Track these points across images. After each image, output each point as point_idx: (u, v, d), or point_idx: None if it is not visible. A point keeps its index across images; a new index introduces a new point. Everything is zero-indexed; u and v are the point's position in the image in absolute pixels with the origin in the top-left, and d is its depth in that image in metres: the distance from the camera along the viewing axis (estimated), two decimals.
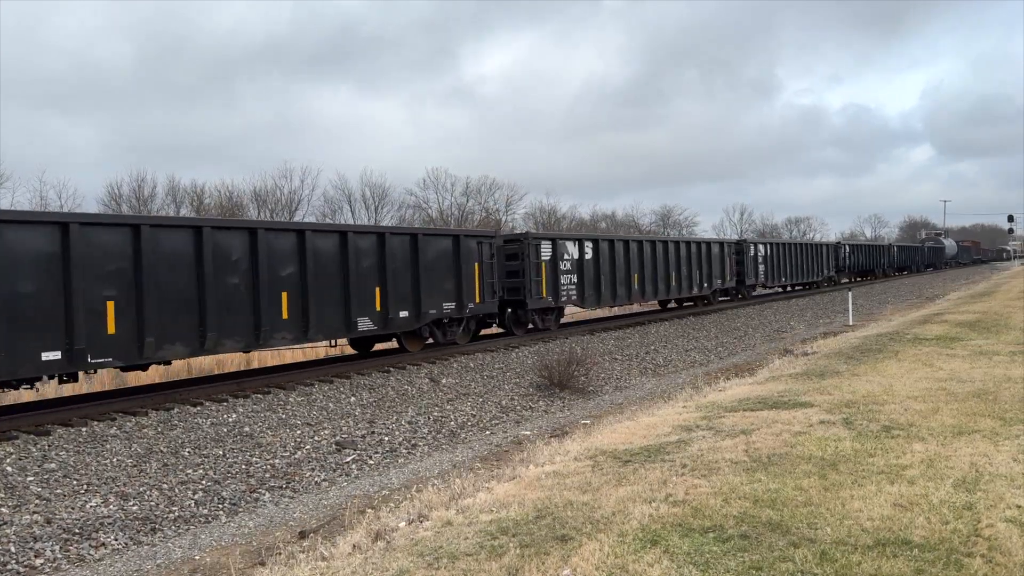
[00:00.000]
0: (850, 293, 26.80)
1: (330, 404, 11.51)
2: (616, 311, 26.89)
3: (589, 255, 20.42)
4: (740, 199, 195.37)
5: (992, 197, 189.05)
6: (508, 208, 69.77)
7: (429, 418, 11.37)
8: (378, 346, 16.60)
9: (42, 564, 6.36)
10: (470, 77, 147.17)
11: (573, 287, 19.75)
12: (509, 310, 18.56)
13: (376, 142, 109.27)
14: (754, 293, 33.08)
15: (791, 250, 35.86)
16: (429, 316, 15.30)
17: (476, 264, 16.55)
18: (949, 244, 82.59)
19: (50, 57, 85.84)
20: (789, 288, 38.37)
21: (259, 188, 61.70)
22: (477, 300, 16.59)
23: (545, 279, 18.65)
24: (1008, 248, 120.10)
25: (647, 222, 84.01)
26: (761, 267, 31.56)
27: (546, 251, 18.89)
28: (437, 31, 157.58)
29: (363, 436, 10.30)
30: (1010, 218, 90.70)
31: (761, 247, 32.19)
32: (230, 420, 10.31)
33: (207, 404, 10.85)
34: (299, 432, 10.17)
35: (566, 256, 19.49)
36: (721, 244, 29.01)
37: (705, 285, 26.83)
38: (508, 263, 18.04)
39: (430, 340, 15.95)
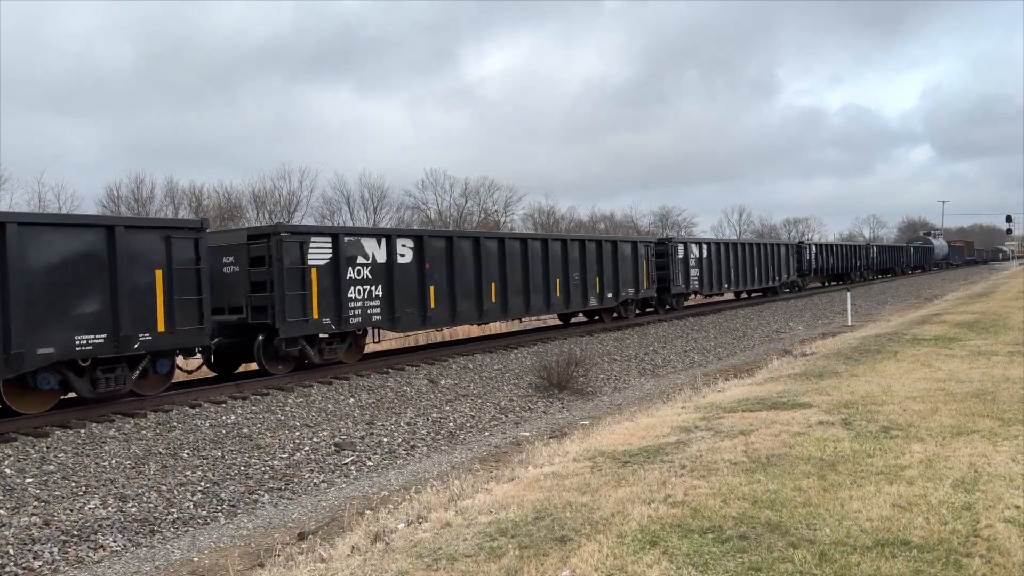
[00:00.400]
0: (848, 294, 26.81)
1: (329, 405, 11.51)
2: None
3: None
4: (740, 200, 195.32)
5: (992, 197, 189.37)
6: (507, 209, 69.82)
7: (428, 419, 11.37)
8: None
9: (41, 566, 6.35)
10: (470, 78, 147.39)
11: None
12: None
13: (376, 143, 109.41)
14: (689, 303, 28.19)
15: (739, 251, 30.28)
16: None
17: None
18: (939, 244, 75.59)
19: (50, 58, 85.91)
20: (743, 296, 33.13)
21: (257, 189, 61.72)
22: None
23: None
24: (1004, 248, 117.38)
25: (646, 223, 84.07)
26: (694, 272, 26.29)
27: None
28: (438, 32, 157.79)
29: (362, 437, 10.30)
30: (1008, 219, 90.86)
31: (695, 247, 27.01)
32: (229, 421, 10.30)
33: (206, 406, 10.84)
34: (298, 433, 10.16)
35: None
36: (634, 244, 23.07)
37: (609, 295, 21.19)
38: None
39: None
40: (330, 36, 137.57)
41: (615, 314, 22.29)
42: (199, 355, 11.74)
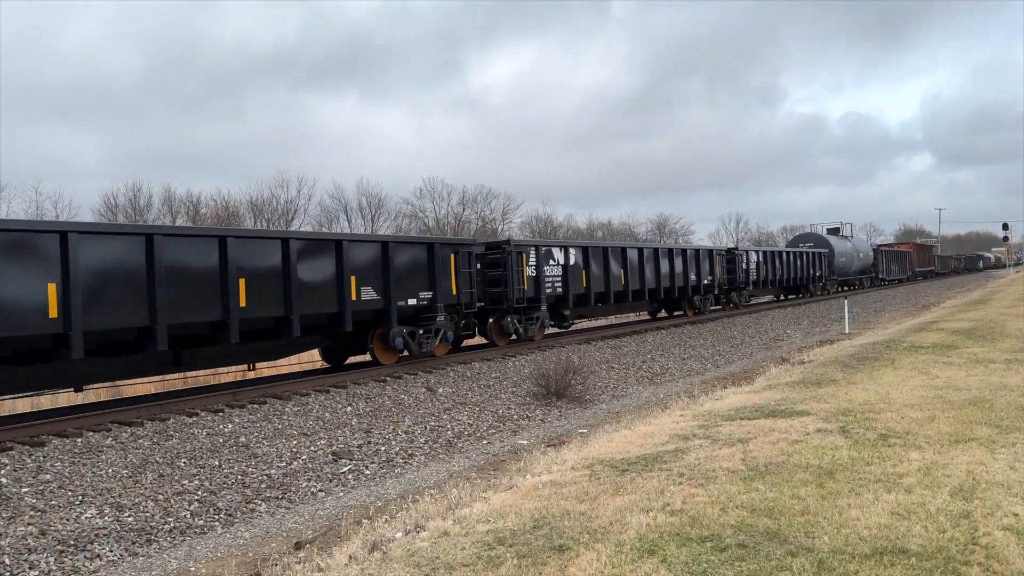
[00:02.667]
0: (846, 301, 26.84)
1: (326, 414, 11.48)
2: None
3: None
4: (739, 208, 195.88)
5: (990, 205, 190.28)
6: (504, 217, 69.94)
7: (426, 428, 11.35)
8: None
9: None
10: (475, 86, 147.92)
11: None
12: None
13: (377, 152, 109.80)
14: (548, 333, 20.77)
15: (623, 259, 22.50)
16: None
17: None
18: (845, 248, 45.80)
19: (55, 67, 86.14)
20: (642, 317, 27.48)
21: (255, 198, 61.80)
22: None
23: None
24: (989, 255, 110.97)
25: (643, 231, 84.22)
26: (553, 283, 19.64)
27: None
28: (444, 42, 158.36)
29: (359, 446, 10.27)
30: (1005, 226, 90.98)
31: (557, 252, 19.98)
32: (226, 430, 10.28)
33: (203, 414, 10.82)
34: (295, 442, 10.14)
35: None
36: (430, 245, 15.78)
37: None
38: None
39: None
40: (337, 45, 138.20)
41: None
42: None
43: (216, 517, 7.76)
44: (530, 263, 18.79)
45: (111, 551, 6.83)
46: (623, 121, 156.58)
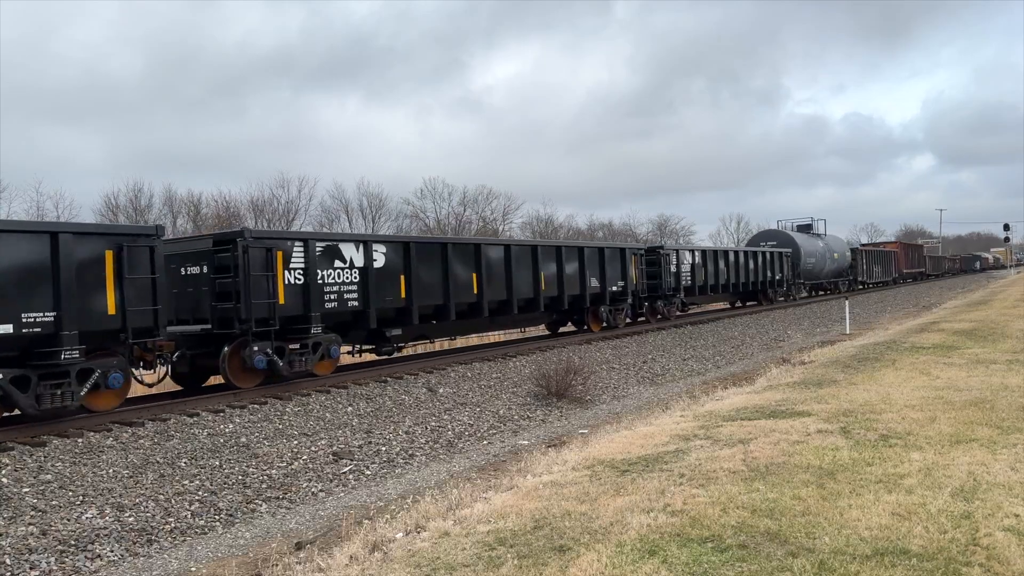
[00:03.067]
0: (847, 302, 26.83)
1: (327, 414, 11.49)
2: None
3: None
4: (740, 209, 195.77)
5: (992, 206, 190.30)
6: (505, 217, 69.92)
7: (426, 428, 11.35)
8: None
9: None
10: (477, 87, 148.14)
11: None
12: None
13: (381, 153, 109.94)
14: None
15: (505, 258, 17.33)
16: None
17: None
18: (815, 247, 39.31)
19: (58, 69, 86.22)
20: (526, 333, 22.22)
21: (256, 198, 61.82)
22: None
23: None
24: (987, 256, 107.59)
25: (644, 231, 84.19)
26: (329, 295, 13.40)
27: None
28: (447, 42, 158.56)
29: (360, 446, 10.27)
30: (1006, 227, 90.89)
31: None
32: (227, 430, 10.28)
33: (203, 414, 10.82)
34: (296, 443, 10.14)
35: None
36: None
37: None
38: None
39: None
40: (339, 46, 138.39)
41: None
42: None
43: (217, 517, 7.76)
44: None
45: (112, 551, 6.83)
46: (625, 122, 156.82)
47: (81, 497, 7.85)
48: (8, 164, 70.99)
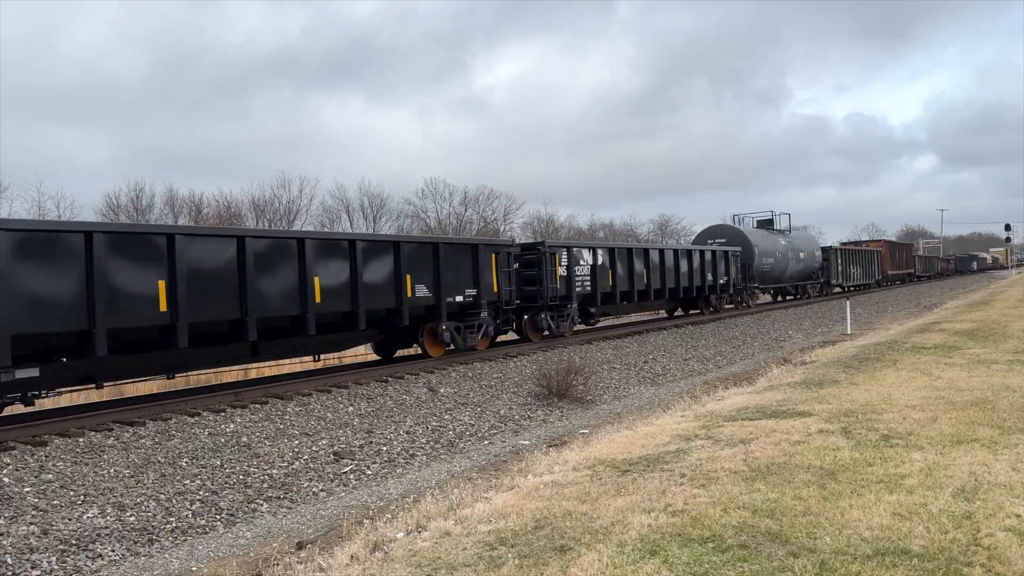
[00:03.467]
0: (848, 302, 26.81)
1: (328, 414, 11.49)
2: None
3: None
4: (741, 209, 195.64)
5: (993, 206, 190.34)
6: (506, 218, 69.91)
7: (427, 428, 11.35)
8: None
9: (39, 575, 6.33)
10: (479, 87, 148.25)
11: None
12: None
13: (383, 153, 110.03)
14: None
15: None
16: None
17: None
18: (773, 246, 34.11)
19: (60, 69, 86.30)
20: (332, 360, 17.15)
21: (257, 198, 61.87)
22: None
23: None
24: (985, 255, 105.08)
25: (645, 231, 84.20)
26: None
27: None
28: (449, 42, 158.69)
29: (361, 446, 10.28)
30: (1007, 227, 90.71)
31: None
32: (228, 430, 10.28)
33: (205, 414, 10.82)
34: (297, 442, 10.14)
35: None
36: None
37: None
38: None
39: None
40: (341, 46, 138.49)
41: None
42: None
43: (218, 517, 7.77)
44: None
45: (113, 551, 6.84)
46: (626, 122, 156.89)
47: (82, 496, 7.85)
48: (9, 164, 71.16)
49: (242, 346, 12.43)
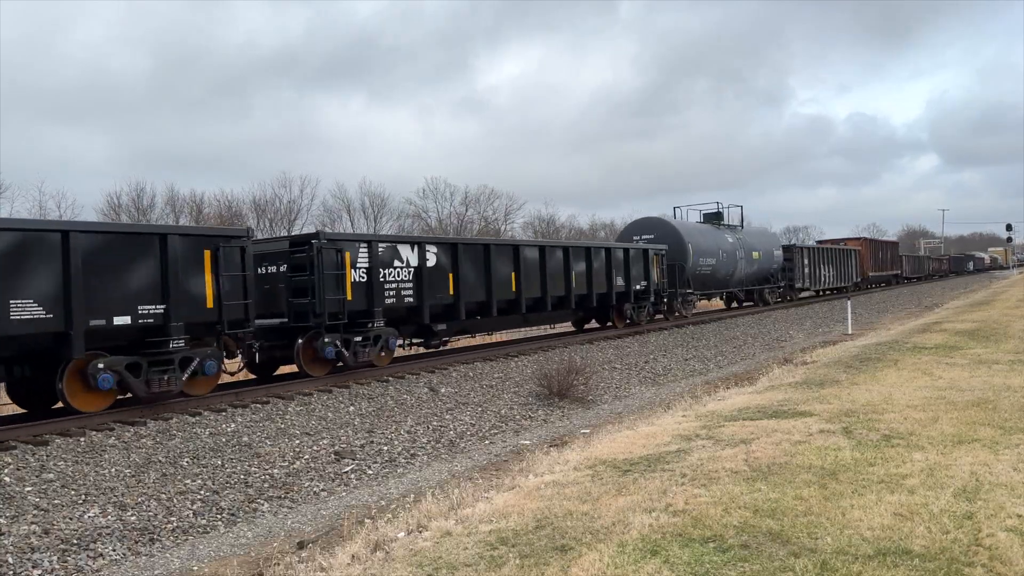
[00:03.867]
0: (849, 303, 26.80)
1: (329, 414, 11.49)
2: None
3: None
4: (744, 209, 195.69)
5: (995, 206, 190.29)
6: (507, 217, 69.90)
7: (428, 428, 11.35)
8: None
9: (40, 575, 6.33)
10: (481, 87, 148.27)
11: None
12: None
13: (384, 153, 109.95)
14: None
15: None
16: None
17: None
18: (715, 244, 28.62)
19: (62, 68, 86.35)
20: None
21: (258, 197, 61.89)
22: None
23: None
24: (982, 255, 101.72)
25: None
26: None
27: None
28: (451, 42, 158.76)
29: (362, 446, 10.28)
30: (1008, 227, 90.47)
31: None
32: (229, 430, 10.29)
33: (206, 414, 10.82)
34: (298, 442, 10.15)
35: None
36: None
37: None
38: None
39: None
40: (343, 46, 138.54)
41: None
42: None
43: (219, 516, 7.77)
44: None
45: (114, 550, 6.84)
46: (628, 122, 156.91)
47: (83, 496, 7.86)
48: (10, 164, 71.22)
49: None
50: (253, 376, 14.31)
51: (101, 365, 10.13)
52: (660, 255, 24.36)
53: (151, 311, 10.62)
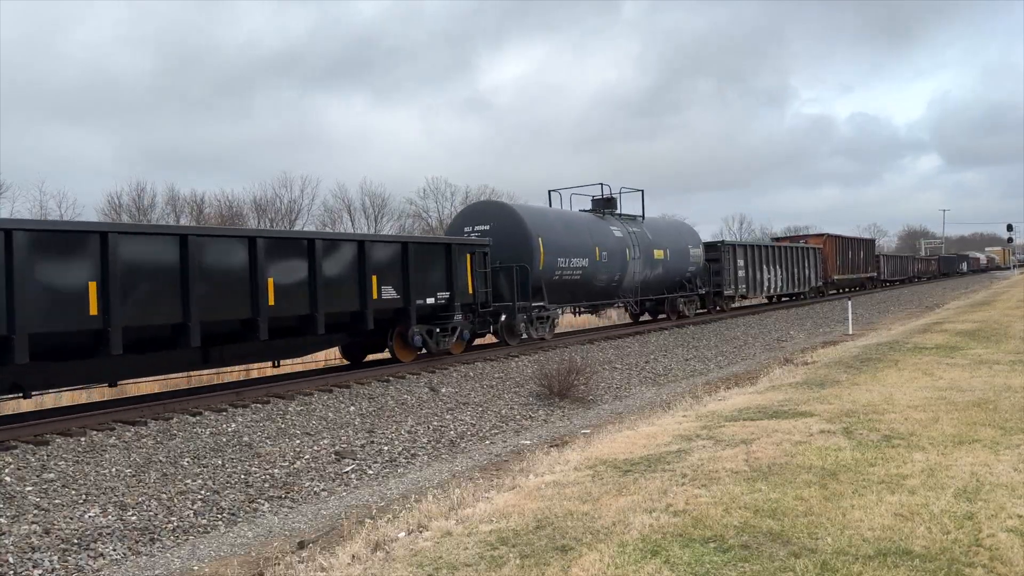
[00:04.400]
0: (849, 303, 26.80)
1: (329, 414, 11.49)
2: None
3: None
4: (744, 209, 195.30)
5: (996, 206, 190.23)
6: None
7: (428, 428, 11.35)
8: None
9: (40, 575, 6.34)
10: (484, 87, 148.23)
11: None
12: None
13: (386, 153, 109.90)
14: None
15: None
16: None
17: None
18: (591, 238, 20.74)
19: (64, 68, 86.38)
20: None
21: (259, 197, 61.94)
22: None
23: None
24: (978, 255, 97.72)
25: None
26: None
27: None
28: (454, 42, 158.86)
29: (362, 446, 10.28)
30: (1009, 227, 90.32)
31: None
32: (229, 430, 10.29)
33: (206, 414, 10.83)
34: (298, 442, 10.15)
35: None
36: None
37: None
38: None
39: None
40: (346, 46, 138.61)
41: None
42: None
43: (219, 516, 7.77)
44: None
45: (114, 550, 6.84)
46: (630, 122, 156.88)
47: (84, 496, 7.86)
48: (12, 164, 71.27)
49: None
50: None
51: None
52: (480, 253, 16.91)
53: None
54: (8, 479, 8.03)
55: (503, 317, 17.73)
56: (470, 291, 16.50)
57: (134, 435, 9.71)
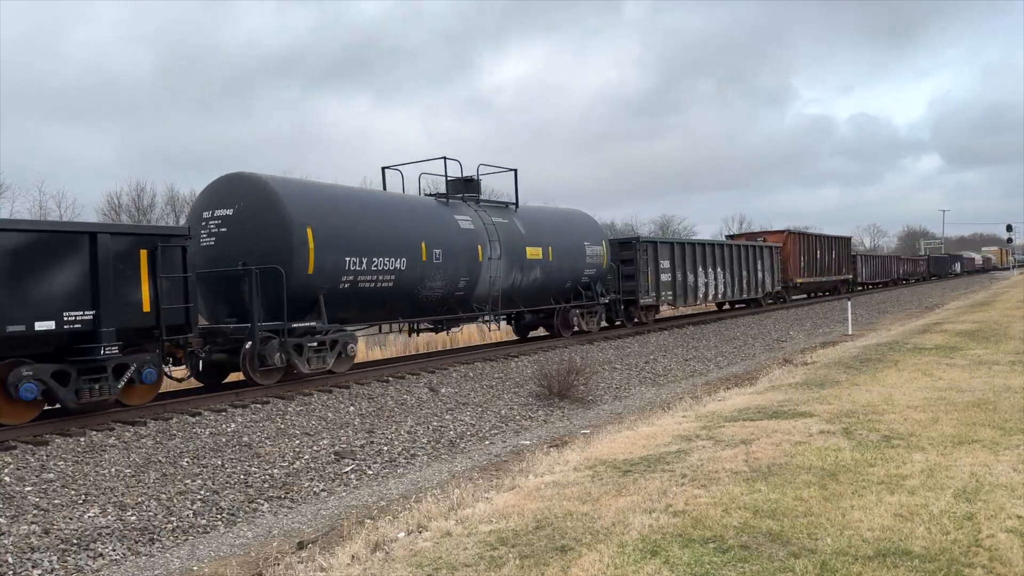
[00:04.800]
0: (849, 303, 26.80)
1: (329, 414, 11.49)
2: None
3: None
4: (744, 209, 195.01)
5: (996, 206, 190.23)
6: None
7: (428, 428, 11.35)
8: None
9: (40, 575, 6.33)
10: (485, 87, 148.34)
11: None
12: None
13: (387, 152, 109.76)
14: None
15: None
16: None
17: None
18: (396, 233, 14.20)
19: (66, 68, 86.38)
20: None
21: None
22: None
23: None
24: (973, 255, 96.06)
25: (646, 231, 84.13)
26: None
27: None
28: (456, 42, 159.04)
29: (362, 446, 10.28)
30: (1009, 227, 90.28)
31: None
32: (229, 430, 10.29)
33: (206, 414, 10.82)
34: (298, 442, 10.15)
35: None
36: None
37: None
38: None
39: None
40: (349, 46, 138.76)
41: None
42: None
43: (219, 516, 7.77)
44: None
45: (114, 550, 6.84)
46: (632, 122, 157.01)
47: (83, 496, 7.86)
48: (12, 164, 71.25)
49: None
50: None
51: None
52: (175, 248, 10.87)
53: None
54: (8, 479, 8.03)
55: (247, 345, 11.86)
56: (145, 308, 10.39)
57: (133, 435, 9.71)
